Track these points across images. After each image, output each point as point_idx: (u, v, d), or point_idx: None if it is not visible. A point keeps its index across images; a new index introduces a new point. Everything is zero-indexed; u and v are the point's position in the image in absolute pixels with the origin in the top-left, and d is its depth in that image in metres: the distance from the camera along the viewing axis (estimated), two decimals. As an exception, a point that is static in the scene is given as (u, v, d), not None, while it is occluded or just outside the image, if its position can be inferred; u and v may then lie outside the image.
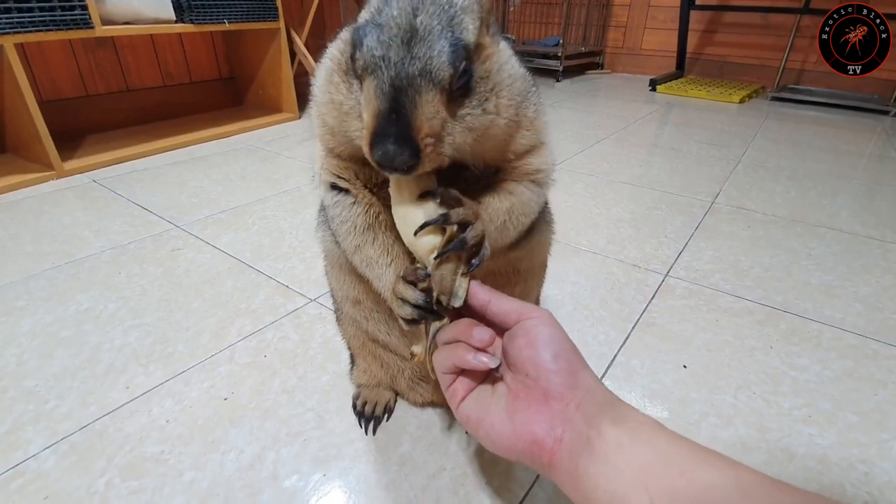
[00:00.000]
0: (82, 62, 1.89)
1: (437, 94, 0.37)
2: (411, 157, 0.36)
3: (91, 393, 0.75)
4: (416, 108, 0.36)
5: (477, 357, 0.43)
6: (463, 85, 0.38)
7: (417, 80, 0.36)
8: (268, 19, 2.00)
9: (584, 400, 0.40)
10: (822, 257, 1.14)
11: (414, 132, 0.36)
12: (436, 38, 0.36)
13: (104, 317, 0.92)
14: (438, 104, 0.37)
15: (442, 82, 0.37)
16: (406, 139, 0.36)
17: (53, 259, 1.10)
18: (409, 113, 0.36)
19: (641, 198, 1.47)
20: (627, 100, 2.82)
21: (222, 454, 0.65)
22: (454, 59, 0.36)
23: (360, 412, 0.70)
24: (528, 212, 0.50)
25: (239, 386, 0.76)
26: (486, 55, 0.41)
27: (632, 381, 0.78)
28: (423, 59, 0.36)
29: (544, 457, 0.39)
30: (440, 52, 0.36)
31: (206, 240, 1.19)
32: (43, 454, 0.66)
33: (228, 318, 0.92)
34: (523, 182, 0.50)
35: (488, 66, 0.41)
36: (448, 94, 0.38)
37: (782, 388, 0.77)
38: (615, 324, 0.91)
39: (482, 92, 0.40)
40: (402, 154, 0.36)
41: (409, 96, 0.36)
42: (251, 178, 1.58)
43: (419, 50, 0.36)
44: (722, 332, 0.89)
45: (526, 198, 0.49)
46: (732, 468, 0.34)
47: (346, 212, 0.49)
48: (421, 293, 0.44)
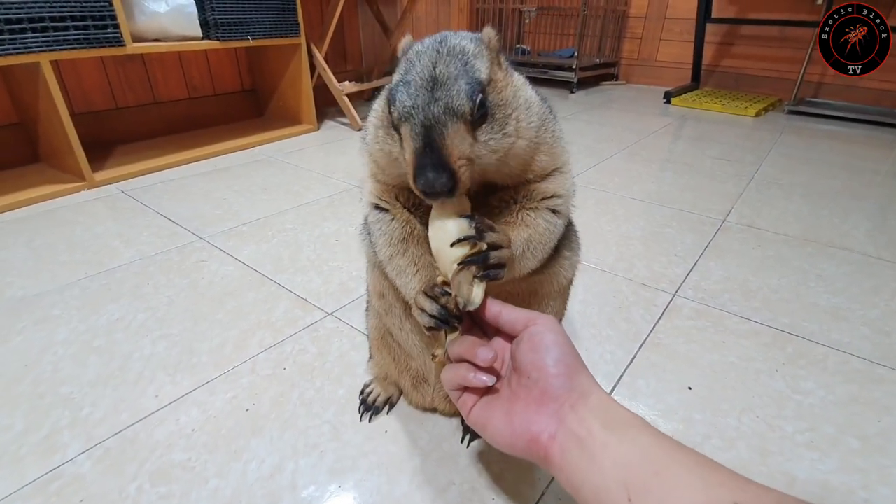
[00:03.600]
0: (112, 76, 1.97)
1: (461, 124, 0.43)
2: (449, 181, 0.42)
3: (123, 400, 0.80)
4: (446, 139, 0.43)
5: (477, 376, 0.48)
6: (482, 114, 0.45)
7: (443, 116, 0.43)
8: (289, 35, 2.07)
9: (578, 401, 0.44)
10: (832, 278, 1.15)
11: (447, 159, 0.43)
12: (453, 82, 0.44)
13: (134, 326, 0.97)
14: (464, 132, 0.44)
15: (463, 114, 0.43)
16: (442, 165, 0.42)
17: (86, 269, 1.16)
18: (440, 144, 0.43)
19: (652, 215, 1.49)
20: (642, 112, 2.83)
21: (244, 463, 0.69)
22: (471, 93, 0.43)
23: (363, 400, 0.78)
24: (547, 241, 0.55)
25: (260, 397, 0.80)
26: (501, 86, 0.47)
27: (637, 400, 0.80)
28: (445, 100, 0.43)
29: (541, 452, 0.43)
30: (458, 91, 0.43)
31: (228, 252, 1.24)
32: (79, 458, 0.70)
33: (250, 329, 0.96)
34: (541, 212, 0.54)
35: (505, 94, 0.47)
36: (470, 123, 0.44)
37: (786, 411, 0.79)
38: (622, 343, 0.93)
39: (501, 118, 0.46)
40: (441, 178, 0.42)
41: (437, 131, 0.43)
42: (272, 190, 1.64)
43: (440, 94, 0.43)
44: (728, 353, 0.91)
45: (542, 228, 0.54)
46: (703, 468, 0.38)
47: (384, 226, 0.57)
48: (438, 307, 0.51)
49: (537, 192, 0.54)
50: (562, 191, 0.54)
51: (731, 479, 0.37)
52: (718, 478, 0.37)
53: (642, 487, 0.37)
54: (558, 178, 0.54)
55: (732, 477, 0.37)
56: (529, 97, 0.50)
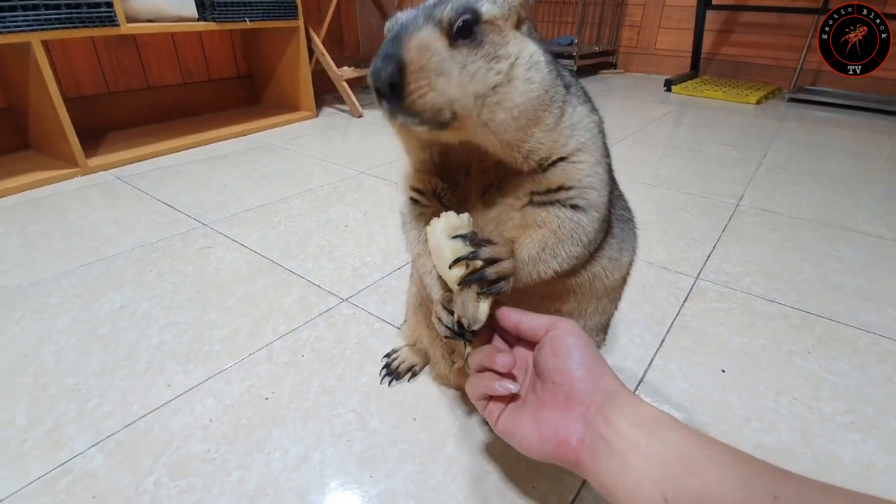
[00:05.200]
0: (104, 59, 1.89)
1: (433, 28, 0.40)
2: (395, 73, 0.38)
3: (132, 391, 0.76)
4: (410, 35, 0.39)
5: (501, 384, 0.47)
6: (468, 36, 0.41)
7: (419, 18, 0.41)
8: (287, 17, 2.01)
9: (604, 403, 0.42)
10: (852, 261, 1.14)
11: (401, 50, 0.39)
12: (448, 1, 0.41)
13: (139, 315, 0.92)
14: (436, 39, 0.40)
15: (440, 21, 0.40)
16: (391, 55, 0.38)
17: (84, 256, 1.11)
18: (402, 37, 0.39)
19: (665, 199, 1.47)
20: (642, 100, 2.81)
21: (268, 454, 0.65)
22: (458, 9, 0.40)
23: (387, 364, 0.78)
24: (566, 239, 0.49)
25: (279, 386, 0.76)
26: (506, 35, 0.43)
27: (670, 384, 0.78)
28: (429, 8, 0.41)
29: (571, 456, 0.42)
30: (446, 4, 0.41)
31: (234, 238, 1.20)
32: (90, 452, 0.66)
33: (262, 317, 0.92)
34: (554, 207, 0.49)
35: (508, 42, 0.43)
36: (448, 35, 0.40)
37: (822, 392, 0.77)
38: (649, 326, 0.91)
39: (492, 52, 0.42)
40: (387, 67, 0.38)
41: (407, 30, 0.40)
42: (274, 177, 1.59)
43: (430, 7, 0.42)
44: (757, 335, 0.89)
45: (556, 225, 0.49)
46: (739, 462, 0.36)
47: (413, 221, 0.56)
48: (452, 318, 0.50)
49: (543, 183, 0.49)
50: (572, 181, 0.48)
51: (768, 471, 0.35)
52: (755, 469, 0.35)
53: (678, 486, 0.35)
54: (567, 168, 0.48)
55: (769, 469, 0.35)
56: (538, 64, 0.44)
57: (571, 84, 0.51)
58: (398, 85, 0.39)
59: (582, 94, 0.52)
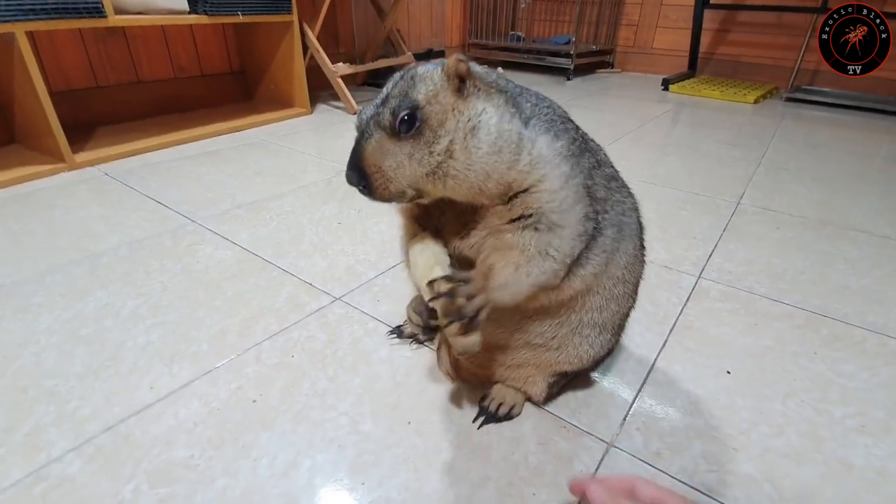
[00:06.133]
0: (93, 53, 1.85)
1: (381, 133, 0.49)
2: (359, 179, 0.49)
3: (115, 393, 0.72)
4: (363, 144, 0.49)
5: None
6: (409, 128, 0.47)
7: (369, 126, 0.49)
8: (281, 12, 1.97)
9: None
10: (856, 261, 1.12)
11: (359, 160, 0.49)
12: (390, 100, 0.49)
13: (124, 314, 0.89)
14: (383, 141, 0.49)
15: (384, 127, 0.48)
16: (354, 165, 0.49)
17: (69, 254, 1.08)
18: (359, 148, 0.49)
19: (665, 198, 1.44)
20: (640, 99, 2.79)
21: (254, 460, 0.62)
22: (396, 109, 0.47)
23: (398, 327, 0.86)
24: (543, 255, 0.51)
25: (268, 387, 0.73)
26: (445, 110, 0.48)
27: (675, 386, 0.75)
28: (376, 114, 0.49)
29: None
30: (388, 107, 0.48)
31: (224, 235, 1.16)
32: (68, 457, 0.63)
33: (252, 316, 0.89)
34: (520, 231, 0.51)
35: (445, 122, 0.48)
36: (393, 135, 0.48)
37: (831, 395, 0.74)
38: (651, 326, 0.88)
39: (431, 137, 0.48)
40: (352, 176, 0.49)
41: (362, 137, 0.50)
42: (266, 173, 1.55)
43: (379, 109, 0.49)
44: (762, 336, 0.86)
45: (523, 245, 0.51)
46: None
47: (403, 233, 0.62)
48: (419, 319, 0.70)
49: (506, 215, 0.52)
50: (531, 209, 0.51)
51: None
52: None
53: None
54: (526, 199, 0.51)
55: None
56: (478, 124, 0.48)
57: (532, 116, 0.51)
58: (367, 185, 0.49)
59: (544, 122, 0.52)
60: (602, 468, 0.62)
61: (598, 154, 0.59)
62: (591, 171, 0.54)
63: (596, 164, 0.56)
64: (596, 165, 0.56)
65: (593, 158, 0.56)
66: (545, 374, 0.66)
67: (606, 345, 0.65)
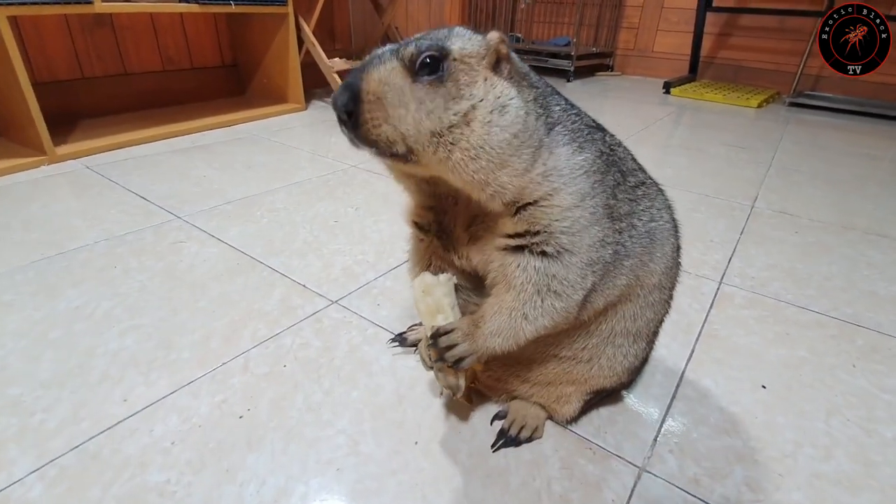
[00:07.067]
0: (79, 43, 1.77)
1: (396, 63, 0.41)
2: (350, 102, 0.40)
3: (84, 405, 0.64)
4: (370, 66, 0.42)
5: None
6: (433, 73, 0.41)
7: (385, 52, 0.42)
8: (276, 3, 1.90)
9: None
10: (883, 266, 1.06)
11: (359, 80, 0.41)
12: (419, 39, 0.42)
13: (98, 316, 0.81)
14: (396, 73, 0.41)
15: (402, 57, 0.41)
16: (349, 85, 0.41)
17: (43, 250, 0.99)
18: (364, 68, 0.42)
19: (678, 199, 1.36)
20: (641, 101, 2.75)
21: (240, 485, 0.55)
22: (421, 45, 0.41)
23: (401, 333, 0.78)
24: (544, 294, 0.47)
25: (256, 401, 0.66)
26: (475, 79, 0.42)
27: (707, 402, 0.68)
28: (400, 46, 0.42)
29: None
30: (413, 42, 0.42)
31: (211, 232, 1.08)
32: (29, 479, 0.55)
33: (240, 320, 0.81)
34: (524, 257, 0.46)
35: (474, 84, 0.42)
36: (411, 71, 0.41)
37: (877, 413, 0.68)
38: (676, 335, 0.81)
39: (453, 93, 0.41)
40: (343, 96, 0.41)
41: (372, 63, 0.42)
42: (258, 169, 1.47)
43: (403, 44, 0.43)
44: (795, 347, 0.80)
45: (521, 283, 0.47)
46: None
47: (413, 244, 0.59)
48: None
49: (512, 226, 0.47)
50: (539, 226, 0.45)
51: None
52: None
53: None
54: (535, 213, 0.45)
55: None
56: (506, 106, 0.42)
57: (558, 122, 0.46)
58: (354, 114, 0.40)
59: (569, 132, 0.46)
60: (635, 497, 0.55)
61: (625, 163, 0.53)
62: (616, 189, 0.49)
63: (621, 177, 0.50)
64: (621, 180, 0.50)
65: (618, 173, 0.50)
66: (581, 393, 0.59)
67: (641, 354, 0.59)
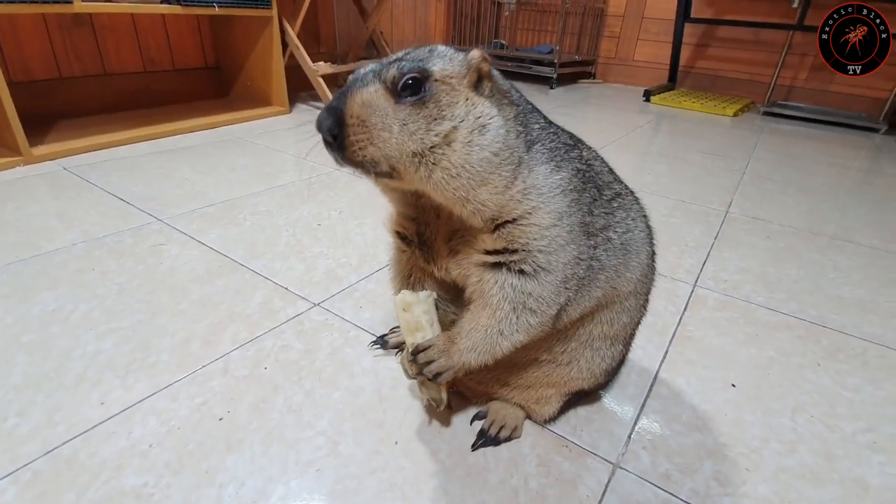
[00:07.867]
0: (57, 42, 1.74)
1: (378, 85, 0.42)
2: (334, 126, 0.41)
3: (59, 409, 0.64)
4: (353, 89, 0.42)
5: None
6: (413, 95, 0.42)
7: (368, 75, 0.43)
8: (260, 5, 1.89)
9: None
10: (849, 270, 1.10)
11: (343, 104, 0.41)
12: (401, 61, 0.43)
13: (74, 318, 0.80)
14: (379, 95, 0.42)
15: (385, 79, 0.42)
16: (333, 108, 0.41)
17: (17, 251, 0.98)
18: (348, 92, 0.42)
19: (654, 205, 1.41)
20: (622, 109, 2.80)
21: (219, 487, 0.55)
22: (403, 67, 0.42)
23: (383, 335, 0.78)
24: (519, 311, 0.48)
25: (236, 403, 0.66)
26: (457, 99, 0.43)
27: (680, 400, 0.70)
28: (382, 68, 0.43)
29: None
30: (395, 64, 0.42)
31: (192, 235, 1.08)
32: (1, 483, 0.54)
33: (221, 322, 0.81)
34: (501, 274, 0.48)
35: (455, 105, 0.43)
36: (393, 93, 0.42)
37: (839, 409, 0.71)
38: (651, 337, 0.84)
39: (435, 114, 0.42)
40: (326, 120, 0.41)
41: (355, 85, 0.43)
42: (241, 172, 1.47)
43: (385, 64, 0.43)
44: (765, 347, 0.83)
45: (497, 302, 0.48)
46: None
47: (395, 255, 0.60)
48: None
49: (491, 243, 0.48)
50: (517, 244, 0.46)
51: None
52: None
53: None
54: (513, 231, 0.47)
55: None
56: (486, 125, 0.43)
57: (537, 140, 0.47)
58: (339, 137, 0.41)
59: (547, 150, 0.48)
60: (609, 493, 0.56)
61: (601, 177, 0.54)
62: (592, 205, 0.50)
63: (597, 192, 0.51)
64: (597, 195, 0.51)
65: (594, 189, 0.51)
66: (560, 394, 0.61)
67: (618, 356, 0.61)
